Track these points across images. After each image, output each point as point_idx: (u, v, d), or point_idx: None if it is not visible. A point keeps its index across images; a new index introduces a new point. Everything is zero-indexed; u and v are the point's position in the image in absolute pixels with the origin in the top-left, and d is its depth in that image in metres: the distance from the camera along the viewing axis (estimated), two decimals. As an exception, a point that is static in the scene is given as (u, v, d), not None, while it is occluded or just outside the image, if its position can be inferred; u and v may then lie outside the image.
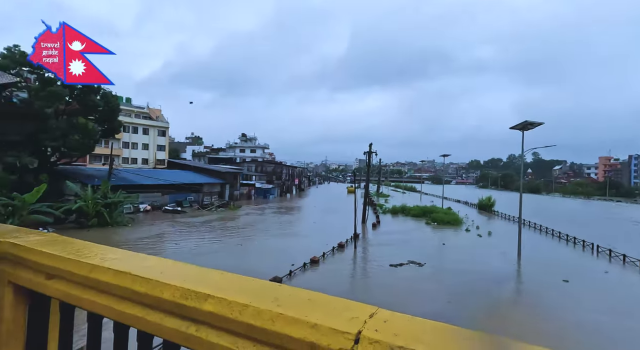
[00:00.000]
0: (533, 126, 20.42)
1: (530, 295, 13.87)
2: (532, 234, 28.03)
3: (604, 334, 10.28)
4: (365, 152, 34.50)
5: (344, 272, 15.53)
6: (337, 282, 13.76)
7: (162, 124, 53.85)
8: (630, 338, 10.14)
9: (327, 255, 17.94)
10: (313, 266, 15.96)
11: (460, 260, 18.53)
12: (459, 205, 50.71)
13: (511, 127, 21.14)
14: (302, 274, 14.78)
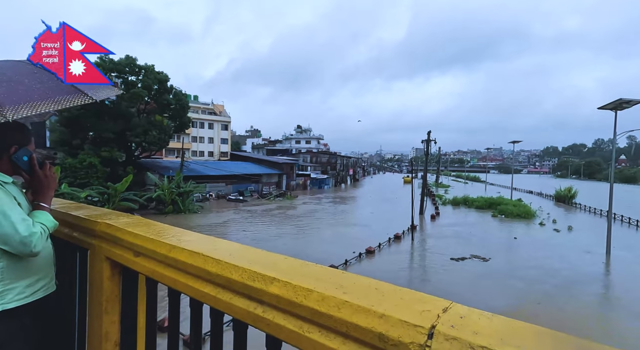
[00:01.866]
0: (630, 105, 17.38)
1: (620, 302, 12.04)
2: (625, 230, 24.21)
3: None
4: (423, 141, 32.90)
5: (400, 264, 15.18)
6: (392, 274, 13.51)
7: (225, 119, 57.61)
8: None
9: (382, 245, 17.68)
10: (369, 256, 15.88)
11: (533, 257, 16.81)
12: (532, 197, 45.82)
13: (600, 107, 18.29)
14: (358, 263, 14.80)
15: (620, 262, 16.14)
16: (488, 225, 25.51)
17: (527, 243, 19.90)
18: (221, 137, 56.21)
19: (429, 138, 31.62)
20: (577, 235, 21.97)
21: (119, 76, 28.37)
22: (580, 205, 36.31)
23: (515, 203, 32.98)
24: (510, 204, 31.57)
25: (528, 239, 20.87)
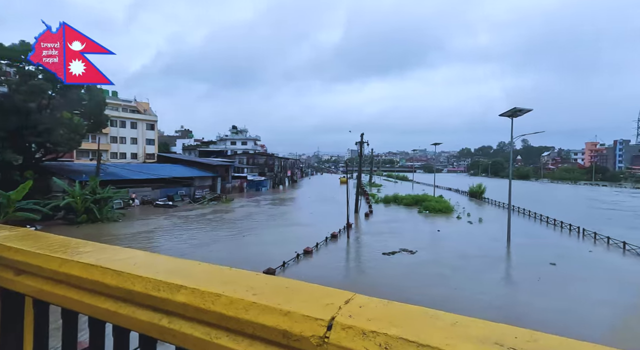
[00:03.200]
0: (522, 113, 20.62)
1: (516, 278, 14.22)
2: (521, 220, 28.62)
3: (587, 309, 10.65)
4: (357, 143, 34.50)
5: (336, 262, 15.68)
6: (329, 272, 13.89)
7: (151, 118, 52.84)
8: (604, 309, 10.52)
9: (320, 245, 18.06)
10: (307, 256, 16.06)
11: (452, 247, 18.86)
12: (450, 193, 51.34)
13: (501, 114, 21.32)
14: (296, 264, 14.87)
15: (517, 246, 19.03)
16: (415, 221, 27.84)
17: (448, 235, 22.24)
18: (147, 137, 51.42)
19: (362, 140, 33.33)
20: (487, 226, 25.29)
21: (12, 64, 24.05)
22: (489, 199, 41.92)
23: (438, 199, 36.60)
24: (433, 201, 34.91)
25: (449, 231, 23.33)
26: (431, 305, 2.31)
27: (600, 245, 19.79)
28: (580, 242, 21.01)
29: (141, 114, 51.97)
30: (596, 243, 20.31)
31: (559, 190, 69.95)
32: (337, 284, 8.11)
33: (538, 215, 29.29)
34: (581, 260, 16.75)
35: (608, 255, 17.93)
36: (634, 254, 17.52)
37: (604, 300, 11.39)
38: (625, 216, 32.75)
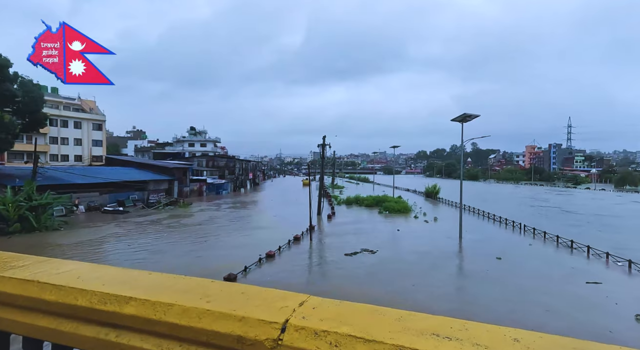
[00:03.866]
0: (471, 118, 22.19)
1: (469, 272, 15.26)
2: (471, 218, 30.72)
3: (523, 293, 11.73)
4: (319, 145, 34.80)
5: (299, 265, 15.66)
6: (292, 275, 13.84)
7: (97, 117, 48.92)
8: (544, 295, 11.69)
9: (283, 248, 17.93)
10: (269, 260, 15.85)
11: (410, 245, 19.72)
12: (409, 194, 53.66)
13: (452, 119, 22.75)
14: (259, 269, 14.61)
15: (468, 243, 20.40)
16: (376, 221, 28.70)
17: (407, 233, 23.22)
18: (93, 138, 47.50)
19: (324, 142, 33.72)
20: (441, 224, 26.79)
21: None
22: (443, 199, 44.49)
23: (397, 200, 38.07)
24: (392, 202, 36.25)
25: (407, 230, 24.36)
26: (391, 301, 2.49)
27: (538, 239, 21.86)
28: (522, 237, 23.04)
29: (86, 113, 47.93)
30: (535, 237, 22.39)
31: (503, 189, 76.20)
32: (298, 287, 8.24)
33: (486, 213, 31.64)
34: (522, 254, 18.37)
35: (545, 248, 19.86)
36: (565, 246, 19.58)
37: (538, 288, 12.60)
38: (554, 212, 36.60)
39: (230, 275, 12.79)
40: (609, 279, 13.99)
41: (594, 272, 15.00)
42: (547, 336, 0.60)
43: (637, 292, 12.51)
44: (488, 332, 0.61)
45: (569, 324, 9.80)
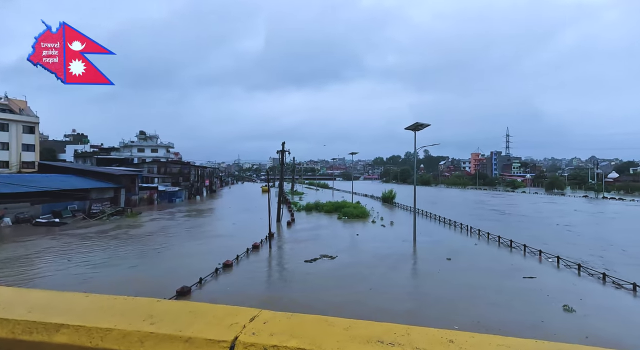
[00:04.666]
0: (422, 127, 23.56)
1: (422, 272, 16.05)
2: (425, 221, 32.40)
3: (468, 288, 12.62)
4: (278, 151, 34.56)
5: (258, 274, 15.30)
6: (250, 285, 13.46)
7: (29, 119, 43.93)
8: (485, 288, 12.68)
9: (241, 257, 17.42)
10: (226, 270, 15.28)
11: (368, 249, 20.24)
12: (367, 199, 55.19)
13: (405, 127, 23.96)
14: (215, 280, 14.01)
15: (422, 244, 21.45)
16: (335, 227, 29.06)
17: (365, 238, 23.81)
18: (24, 142, 42.50)
19: (284, 149, 33.58)
20: (397, 228, 27.90)
21: None
22: (398, 203, 46.42)
23: (355, 206, 38.96)
24: (351, 207, 37.02)
25: (366, 235, 24.99)
26: (349, 306, 2.53)
27: (483, 240, 23.66)
28: (468, 238, 24.77)
29: (15, 114, 42.82)
30: (480, 238, 24.20)
31: (452, 194, 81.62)
32: (256, 297, 8.08)
33: (437, 216, 33.58)
34: (469, 253, 19.74)
35: (488, 247, 21.54)
36: (505, 246, 21.42)
37: (484, 284, 13.62)
38: (495, 214, 40.00)
39: (183, 288, 12.10)
40: (541, 274, 15.53)
41: (530, 267, 16.57)
42: (478, 335, 0.66)
43: (563, 285, 14.04)
44: (427, 335, 0.66)
45: (509, 315, 10.70)
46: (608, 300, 12.42)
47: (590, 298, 12.48)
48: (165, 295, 11.34)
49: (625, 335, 9.60)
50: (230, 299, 11.87)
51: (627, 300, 12.55)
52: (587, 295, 12.72)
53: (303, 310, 8.51)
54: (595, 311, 11.26)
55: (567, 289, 13.39)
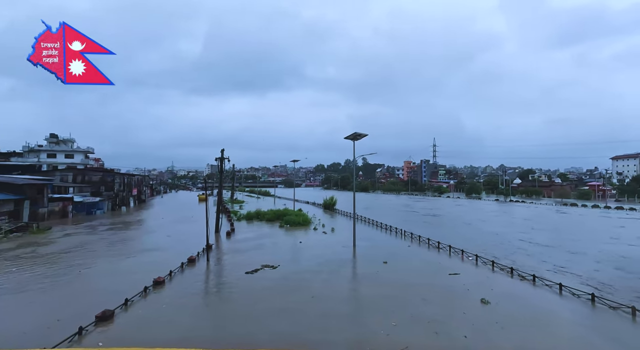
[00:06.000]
0: (361, 137, 24.76)
1: (361, 275, 16.71)
2: (364, 226, 33.85)
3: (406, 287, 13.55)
4: (217, 158, 33.14)
5: (193, 289, 14.34)
6: (183, 303, 12.53)
7: None
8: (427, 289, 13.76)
9: (175, 272, 16.18)
10: (157, 288, 14.03)
11: (310, 256, 20.40)
12: (308, 206, 55.72)
13: (345, 137, 24.93)
14: (143, 300, 12.76)
15: (361, 249, 22.35)
16: (277, 235, 28.73)
17: (308, 245, 23.94)
18: None
19: (223, 155, 32.32)
20: (338, 234, 28.66)
21: None
22: (339, 210, 47.78)
23: (297, 213, 39.05)
24: (293, 215, 37.01)
25: (308, 242, 25.15)
26: (293, 313, 2.57)
27: (415, 242, 25.57)
28: (402, 240, 26.55)
29: None
30: (412, 241, 26.11)
31: (387, 199, 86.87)
32: (190, 318, 7.67)
33: (375, 221, 35.39)
34: (403, 255, 21.15)
35: (419, 249, 23.34)
36: (434, 247, 23.45)
37: (417, 283, 14.72)
38: (426, 217, 43.71)
39: (105, 312, 10.77)
40: (464, 270, 17.33)
41: (454, 265, 18.37)
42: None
43: (480, 279, 15.84)
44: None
45: (437, 309, 11.76)
46: (514, 290, 14.35)
47: (500, 289, 14.29)
48: (82, 322, 9.98)
49: (524, 318, 11.19)
50: (161, 321, 10.91)
51: (529, 289, 14.65)
52: (497, 287, 14.54)
53: (242, 325, 8.30)
54: (504, 300, 12.92)
55: (483, 283, 15.14)
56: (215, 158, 33.96)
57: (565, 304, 12.84)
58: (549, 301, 13.13)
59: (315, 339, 9.62)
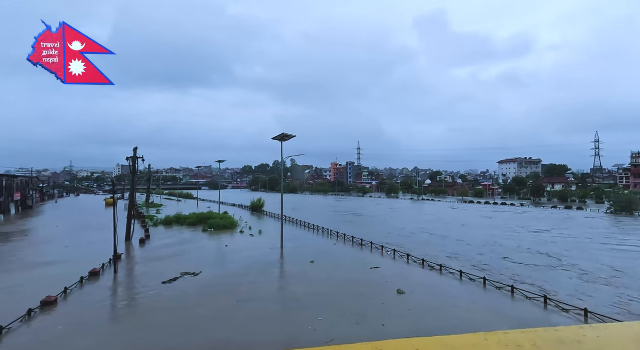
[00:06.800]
0: (289, 138, 24.82)
1: (289, 275, 16.75)
2: (292, 227, 33.99)
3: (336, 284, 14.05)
4: (129, 158, 29.61)
5: (95, 308, 12.48)
6: (80, 328, 10.74)
7: None
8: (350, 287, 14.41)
9: (72, 290, 13.88)
10: (47, 310, 11.82)
11: (237, 260, 19.63)
12: (235, 209, 53.65)
13: (273, 138, 24.71)
14: (26, 327, 10.61)
15: (289, 250, 22.38)
16: (200, 240, 26.94)
17: (234, 249, 22.97)
18: None
19: (136, 155, 29.00)
20: (266, 236, 28.20)
21: None
22: (267, 212, 47.10)
23: (223, 216, 37.24)
24: (218, 218, 35.16)
25: (234, 246, 24.15)
26: (217, 321, 2.36)
27: (340, 240, 26.68)
28: (328, 239, 27.45)
29: None
30: (338, 239, 27.19)
31: (316, 200, 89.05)
32: (93, 339, 6.70)
33: (303, 222, 35.85)
34: (330, 252, 21.87)
35: (344, 246, 24.41)
36: (357, 244, 24.80)
37: (346, 278, 15.36)
38: (347, 216, 46.14)
39: (-30, 346, 8.63)
40: (384, 264, 18.70)
41: (375, 260, 19.69)
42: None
43: (397, 271, 17.31)
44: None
45: (362, 302, 12.50)
46: (425, 279, 16.04)
47: (414, 279, 15.83)
48: None
49: (433, 303, 12.60)
50: (54, 348, 9.22)
51: (436, 277, 16.53)
52: (412, 277, 16.08)
53: (158, 341, 7.56)
54: (417, 289, 14.35)
55: (400, 274, 16.58)
56: (127, 157, 30.33)
57: (465, 288, 14.85)
58: (452, 287, 15.02)
59: (243, 341, 9.34)
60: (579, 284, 16.22)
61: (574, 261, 20.75)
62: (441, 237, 29.52)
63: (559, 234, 31.69)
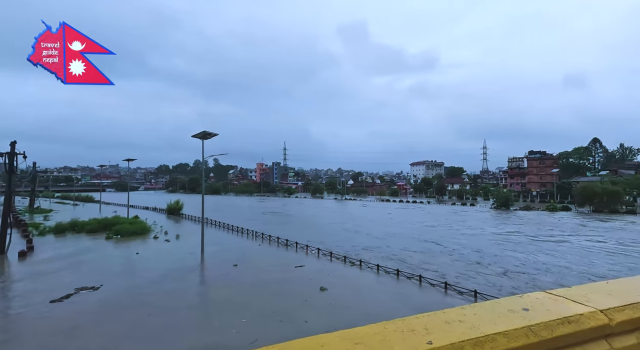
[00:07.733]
0: (211, 136, 23.45)
1: (210, 279, 15.83)
2: (213, 230, 32.19)
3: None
4: (3, 154, 24.25)
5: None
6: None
7: None
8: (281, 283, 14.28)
9: None
10: None
11: (147, 269, 17.74)
12: (148, 212, 48.50)
13: (193, 135, 23.07)
14: None
15: (210, 254, 21.14)
16: (103, 249, 23.58)
17: (146, 257, 20.66)
18: None
19: (14, 150, 23.90)
20: (184, 241, 26.12)
21: None
22: (186, 215, 43.70)
23: (132, 221, 33.28)
24: (126, 223, 31.28)
25: (147, 253, 21.75)
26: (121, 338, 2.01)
27: (265, 241, 26.30)
28: (253, 241, 26.82)
29: None
30: (262, 240, 26.75)
31: (240, 201, 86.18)
32: None
33: (226, 224, 34.28)
34: (255, 254, 21.38)
35: (269, 247, 24.15)
36: (283, 244, 24.78)
37: (271, 278, 15.17)
38: (272, 216, 46.02)
39: None
40: (308, 263, 19.06)
41: (300, 259, 19.95)
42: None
43: (321, 268, 17.86)
44: None
45: (284, 300, 12.58)
46: (346, 275, 16.89)
47: (336, 275, 16.53)
48: None
49: (352, 296, 13.37)
50: None
51: (356, 272, 17.55)
52: (333, 274, 16.76)
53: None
54: (338, 284, 15.02)
55: (323, 271, 17.13)
56: (1, 154, 24.80)
57: (381, 280, 16.10)
58: (370, 280, 16.14)
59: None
60: (460, 267, 19.00)
61: (459, 248, 24.27)
62: (353, 232, 31.60)
63: (448, 227, 36.71)
